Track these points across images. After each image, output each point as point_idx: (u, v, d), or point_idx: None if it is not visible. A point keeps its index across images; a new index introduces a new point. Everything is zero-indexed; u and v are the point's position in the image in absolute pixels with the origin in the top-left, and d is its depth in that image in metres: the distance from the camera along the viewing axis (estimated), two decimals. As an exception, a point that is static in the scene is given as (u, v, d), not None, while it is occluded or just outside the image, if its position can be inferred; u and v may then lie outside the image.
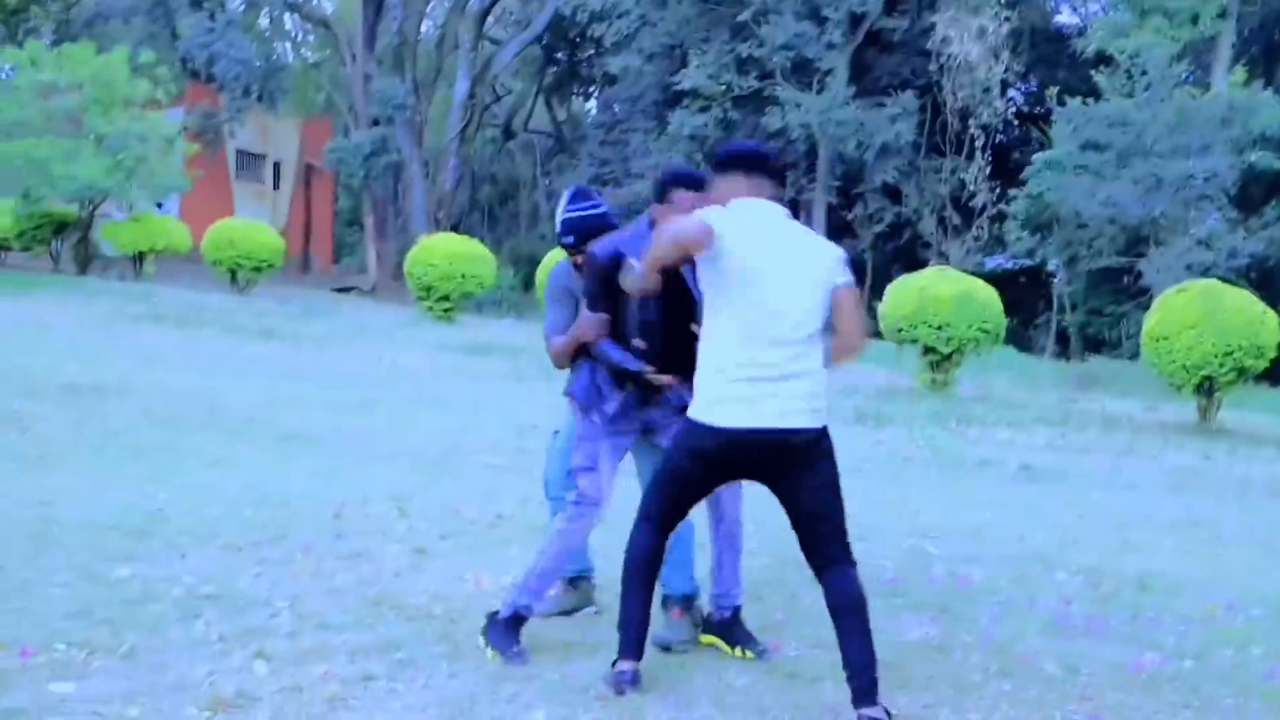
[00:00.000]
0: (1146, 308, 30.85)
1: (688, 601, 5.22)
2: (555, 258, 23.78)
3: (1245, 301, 16.17)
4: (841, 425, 13.33)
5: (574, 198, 5.27)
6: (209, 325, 17.88)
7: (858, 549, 7.09)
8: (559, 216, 5.27)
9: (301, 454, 8.66)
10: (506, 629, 4.83)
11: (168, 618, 4.91)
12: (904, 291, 18.63)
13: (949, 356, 18.52)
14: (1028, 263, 39.09)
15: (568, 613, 5.47)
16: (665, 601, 5.21)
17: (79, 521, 6.28)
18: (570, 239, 5.19)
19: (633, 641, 4.50)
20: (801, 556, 4.49)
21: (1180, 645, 5.49)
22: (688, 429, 4.41)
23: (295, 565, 5.85)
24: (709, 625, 5.16)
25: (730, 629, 5.12)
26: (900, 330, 18.50)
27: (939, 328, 18.09)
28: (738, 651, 5.04)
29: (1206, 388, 16.28)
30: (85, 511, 6.49)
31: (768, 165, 4.51)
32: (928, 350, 18.52)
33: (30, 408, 9.31)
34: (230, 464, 8.11)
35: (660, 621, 5.06)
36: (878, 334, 20.18)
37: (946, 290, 18.27)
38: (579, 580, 5.55)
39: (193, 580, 5.44)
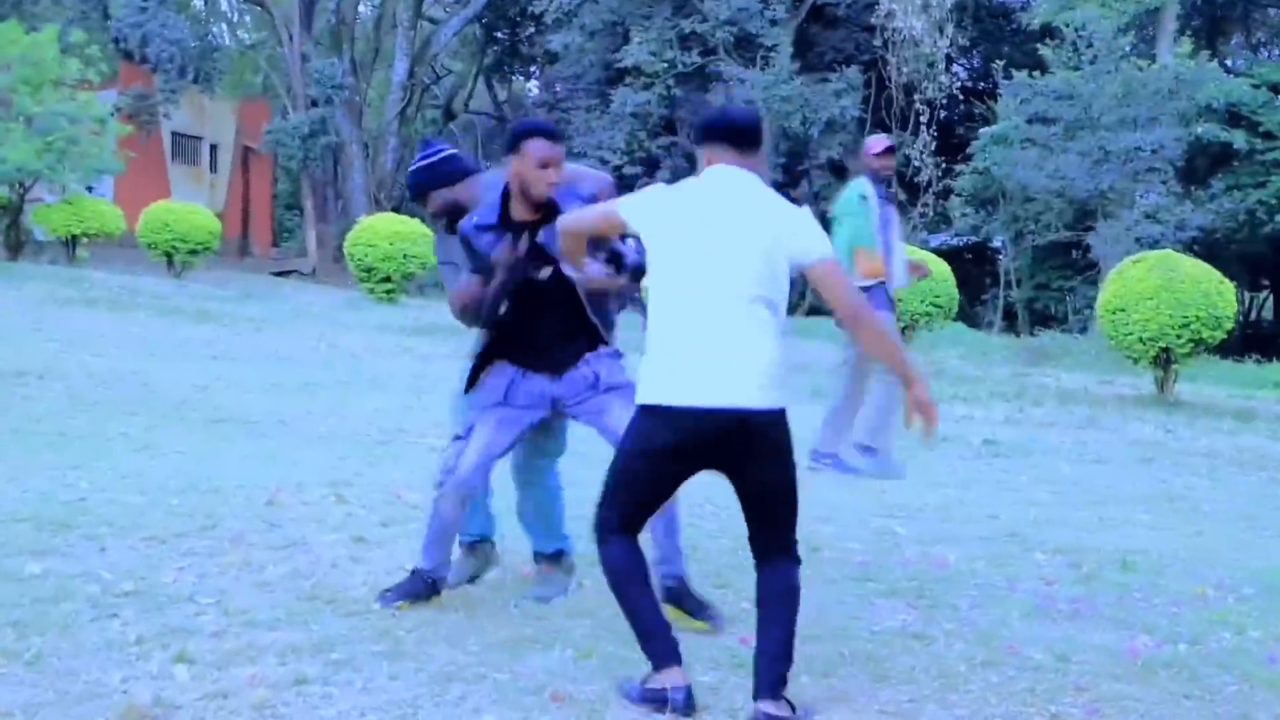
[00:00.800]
0: (1094, 282, 30.93)
1: (558, 556, 5.29)
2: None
3: (1202, 272, 15.93)
4: (798, 404, 13.00)
5: (420, 152, 5.31)
6: (143, 309, 17.31)
7: (823, 531, 6.79)
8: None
9: (235, 438, 8.20)
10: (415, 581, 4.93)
11: (80, 618, 4.48)
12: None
13: (901, 332, 18.24)
14: (973, 239, 39.01)
15: (474, 579, 5.35)
16: (535, 556, 5.31)
17: (-11, 514, 5.83)
18: (411, 192, 5.37)
19: (667, 650, 4.02)
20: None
21: (1173, 628, 5.17)
22: (637, 422, 4.09)
23: (223, 557, 5.42)
24: (665, 598, 4.84)
25: (680, 599, 4.90)
26: (851, 305, 18.21)
27: (890, 302, 17.81)
28: (697, 623, 4.82)
29: (1163, 360, 16.07)
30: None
31: (756, 136, 4.25)
32: (878, 326, 18.23)
33: (-56, 394, 8.81)
34: (158, 449, 7.65)
35: (533, 576, 5.24)
36: (826, 312, 19.90)
37: (897, 264, 17.97)
38: (478, 545, 5.38)
39: (111, 576, 5.01)
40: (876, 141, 9.13)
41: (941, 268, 18.42)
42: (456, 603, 4.98)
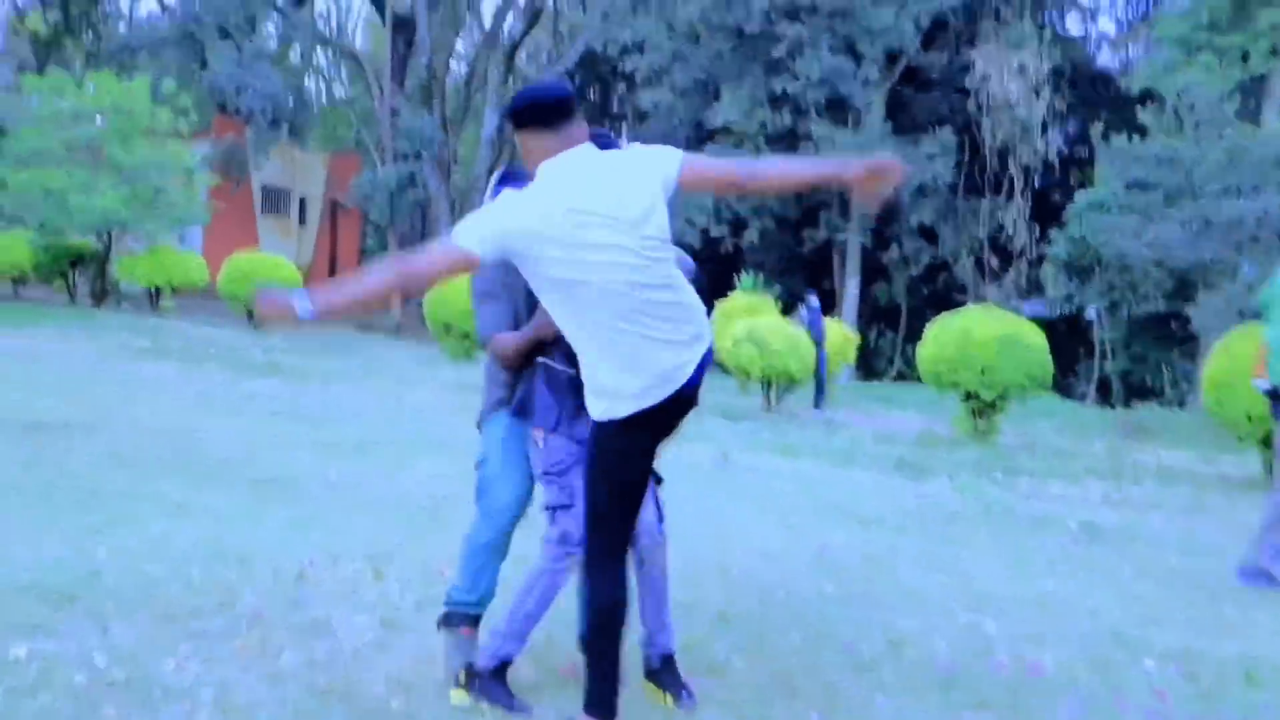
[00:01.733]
0: (1193, 355, 29.89)
1: (475, 621, 4.75)
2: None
3: (1314, 346, 15.06)
4: (881, 476, 12.36)
5: (501, 180, 4.64)
6: (213, 360, 17.00)
7: (905, 627, 6.15)
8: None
9: (275, 501, 7.71)
10: (497, 681, 4.38)
11: (58, 715, 3.96)
12: (945, 333, 17.62)
13: (992, 403, 17.51)
14: (1066, 308, 38.05)
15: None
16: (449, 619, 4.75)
17: (-7, 582, 5.37)
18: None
19: (610, 701, 3.91)
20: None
21: (1310, 761, 4.48)
22: (611, 438, 3.83)
23: (236, 640, 4.89)
24: (647, 674, 4.65)
25: (662, 678, 4.62)
26: (940, 374, 17.50)
27: (983, 372, 17.09)
28: (667, 700, 4.54)
29: (1268, 439, 15.18)
30: (7, 569, 5.57)
31: (570, 108, 3.85)
32: (969, 396, 17.51)
33: (-19, 446, 8.41)
34: (191, 512, 7.16)
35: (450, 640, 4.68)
36: (915, 378, 19.24)
37: (991, 332, 17.25)
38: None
39: (104, 662, 4.50)
40: None
41: (1036, 336, 17.63)
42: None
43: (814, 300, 22.28)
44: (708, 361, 3.92)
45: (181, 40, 40.23)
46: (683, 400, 3.85)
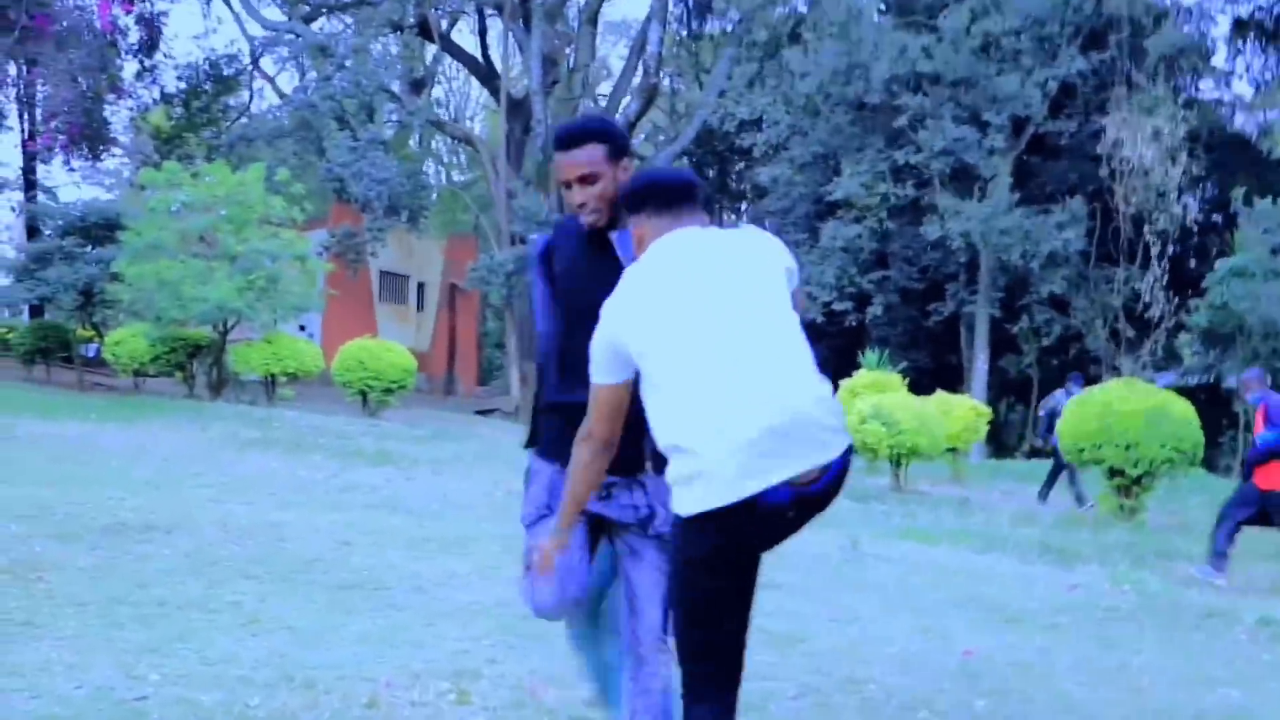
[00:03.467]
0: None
1: None
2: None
3: None
4: (1024, 565, 11.38)
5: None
6: (321, 450, 16.48)
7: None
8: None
9: (358, 610, 7.00)
10: None
11: None
12: (1086, 406, 16.63)
13: (1138, 480, 16.41)
14: (1204, 378, 36.50)
15: None
16: None
17: (25, 715, 4.72)
18: None
19: None
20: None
21: None
22: (702, 536, 3.26)
23: (285, 790, 4.18)
24: None
25: None
26: (1082, 450, 16.46)
27: (1127, 448, 16.03)
28: None
29: None
30: (41, 702, 4.92)
31: (694, 194, 3.66)
32: (1114, 473, 16.43)
33: (53, 553, 7.81)
34: (264, 625, 6.48)
35: None
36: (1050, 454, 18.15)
37: (1134, 405, 16.22)
38: None
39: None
40: None
41: (1184, 409, 16.54)
42: None
43: (1076, 385, 19.06)
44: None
45: (298, 129, 40.54)
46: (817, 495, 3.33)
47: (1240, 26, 40.44)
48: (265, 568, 7.93)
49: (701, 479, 3.19)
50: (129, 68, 39.07)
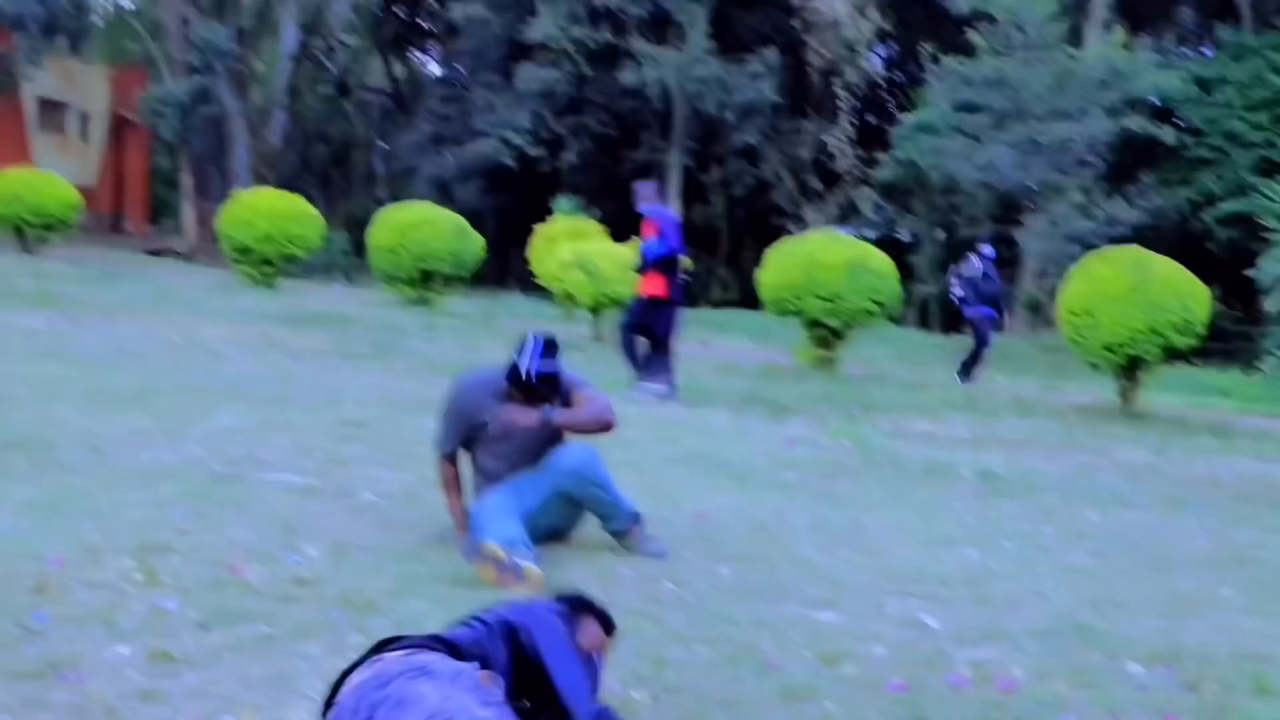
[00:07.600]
0: (1013, 279, 29.44)
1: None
2: (384, 216, 21.03)
3: (1175, 272, 14.26)
4: (739, 416, 11.13)
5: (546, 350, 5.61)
6: (-28, 290, 14.98)
7: (830, 625, 4.91)
8: (533, 366, 5.55)
9: (21, 474, 6.06)
10: None
11: None
12: (789, 257, 16.51)
13: (837, 332, 16.48)
14: (884, 234, 37.55)
15: None
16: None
17: None
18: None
19: None
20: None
21: None
22: None
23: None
24: None
25: None
26: (784, 301, 16.37)
27: (829, 299, 16.01)
28: None
29: (1128, 368, 14.46)
30: None
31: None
32: (814, 324, 16.43)
33: None
34: (-97, 493, 5.53)
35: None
36: (755, 303, 18.11)
37: (837, 257, 16.20)
38: None
39: None
40: None
41: (883, 261, 16.64)
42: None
43: (988, 249, 18.07)
44: None
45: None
46: None
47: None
48: (-94, 424, 6.86)
49: None
50: None
